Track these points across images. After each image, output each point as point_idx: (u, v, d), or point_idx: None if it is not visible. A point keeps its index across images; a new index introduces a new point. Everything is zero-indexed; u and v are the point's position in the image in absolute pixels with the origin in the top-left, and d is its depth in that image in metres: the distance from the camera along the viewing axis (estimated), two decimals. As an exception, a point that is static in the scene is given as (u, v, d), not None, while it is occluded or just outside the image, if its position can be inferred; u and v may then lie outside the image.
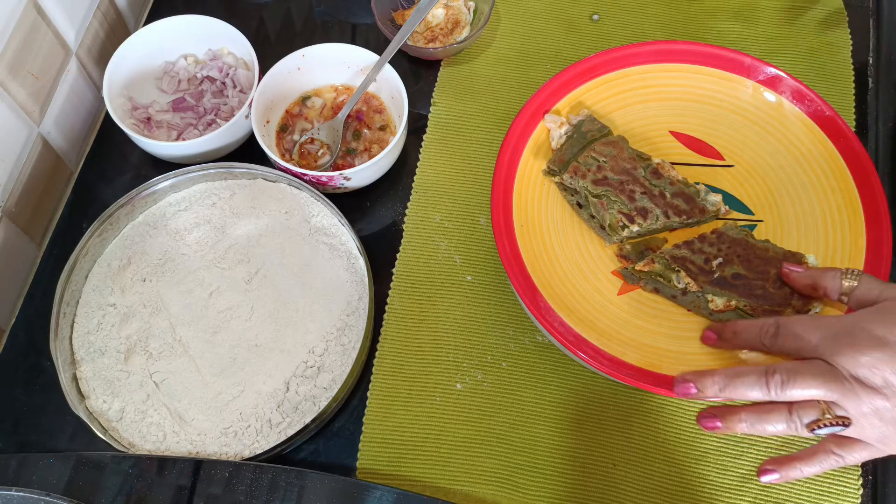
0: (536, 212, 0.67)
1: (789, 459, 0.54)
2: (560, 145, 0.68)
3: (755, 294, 0.61)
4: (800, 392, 0.50)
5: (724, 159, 0.70)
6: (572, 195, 0.67)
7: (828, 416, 0.49)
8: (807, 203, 0.67)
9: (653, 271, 0.63)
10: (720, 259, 0.63)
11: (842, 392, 0.49)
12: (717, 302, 0.62)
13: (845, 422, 0.49)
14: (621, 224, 0.64)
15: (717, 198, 0.65)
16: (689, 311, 0.63)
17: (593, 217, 0.66)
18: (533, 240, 0.65)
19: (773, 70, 0.70)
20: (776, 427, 0.52)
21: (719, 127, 0.71)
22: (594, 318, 0.63)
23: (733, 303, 0.61)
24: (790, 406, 0.51)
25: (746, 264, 0.62)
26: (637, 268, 0.63)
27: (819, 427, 0.50)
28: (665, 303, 0.64)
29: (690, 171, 0.69)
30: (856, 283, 0.54)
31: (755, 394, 0.52)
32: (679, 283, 0.62)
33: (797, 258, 0.63)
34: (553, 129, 0.69)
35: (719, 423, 0.54)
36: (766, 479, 0.55)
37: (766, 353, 0.57)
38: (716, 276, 0.62)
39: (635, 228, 0.64)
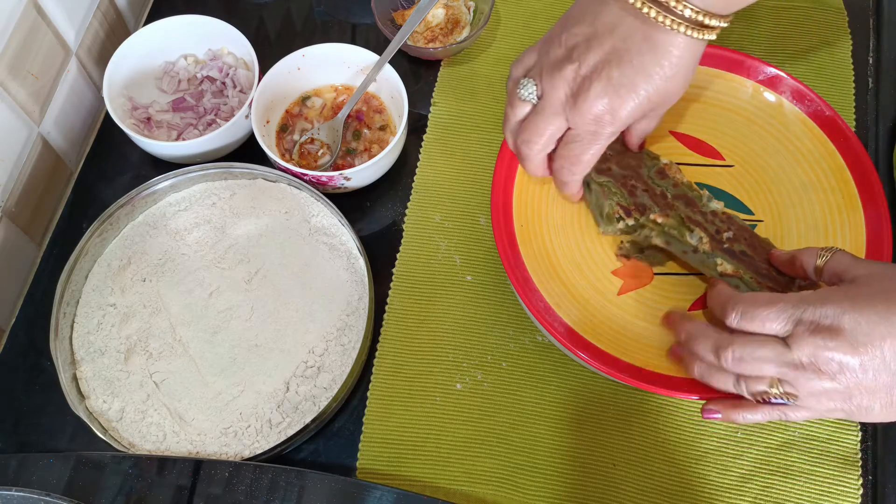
0: (536, 212, 0.67)
1: (734, 405, 0.55)
2: None
3: (761, 273, 0.61)
4: (751, 369, 0.51)
5: (724, 159, 0.70)
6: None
7: (775, 390, 0.51)
8: (807, 203, 0.67)
9: (667, 224, 0.62)
10: (730, 234, 0.62)
11: (795, 375, 0.50)
12: (727, 266, 0.61)
13: (793, 398, 0.51)
14: (618, 216, 0.63)
15: (719, 205, 0.64)
16: (697, 270, 0.63)
17: (594, 206, 0.65)
18: (533, 240, 0.65)
19: (773, 70, 0.70)
20: (723, 387, 0.54)
21: (719, 127, 0.71)
22: (594, 318, 0.63)
23: (741, 271, 0.61)
24: (738, 375, 0.53)
25: (752, 249, 0.62)
26: (652, 217, 0.62)
27: (766, 400, 0.51)
28: (665, 302, 0.64)
29: (690, 171, 0.69)
30: (828, 257, 0.55)
31: (708, 357, 0.53)
32: (692, 239, 0.62)
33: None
34: None
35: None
36: (708, 417, 0.56)
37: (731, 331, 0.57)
38: (725, 246, 0.62)
39: (631, 222, 0.63)
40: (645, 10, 0.52)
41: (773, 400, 0.51)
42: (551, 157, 0.62)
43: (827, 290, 0.51)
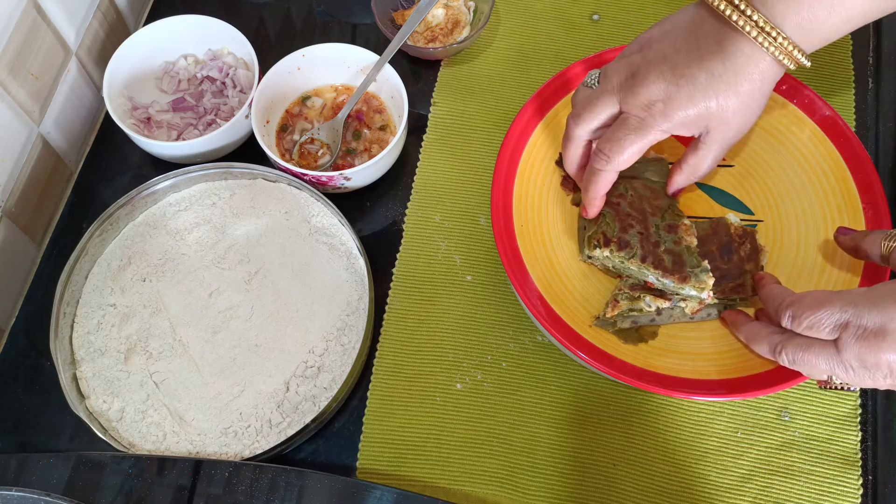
0: (536, 212, 0.67)
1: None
2: None
3: (714, 278, 0.61)
4: (806, 369, 0.53)
5: (724, 159, 0.70)
6: None
7: (835, 380, 0.53)
8: (807, 203, 0.67)
9: (623, 312, 0.62)
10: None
11: (847, 375, 0.51)
12: (692, 305, 0.62)
13: (848, 386, 0.53)
14: (596, 242, 0.62)
15: (708, 280, 0.61)
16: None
17: (585, 229, 0.65)
18: (533, 240, 0.65)
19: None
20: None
21: None
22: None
23: (704, 294, 0.61)
24: None
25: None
26: (608, 315, 0.62)
27: (827, 387, 0.54)
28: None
29: None
30: (893, 246, 0.55)
31: (769, 357, 0.56)
32: (650, 306, 0.61)
33: (721, 223, 0.64)
34: None
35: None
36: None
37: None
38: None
39: (605, 253, 0.62)
40: (728, 12, 0.51)
41: (835, 388, 0.53)
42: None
43: (878, 290, 0.51)
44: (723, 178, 0.69)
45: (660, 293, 0.62)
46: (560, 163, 0.67)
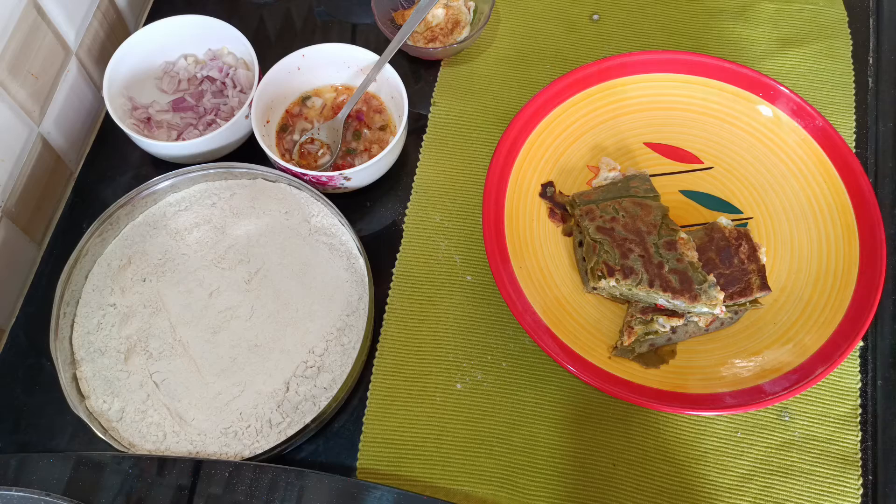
0: (531, 250, 0.67)
1: None
2: (598, 186, 0.68)
3: (724, 292, 0.62)
4: None
5: (702, 162, 0.70)
6: (579, 233, 0.67)
7: None
8: (790, 190, 0.68)
9: (639, 337, 0.63)
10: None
11: None
12: (704, 318, 0.62)
13: None
14: (600, 273, 0.62)
15: (719, 295, 0.61)
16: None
17: (584, 260, 0.65)
18: (534, 279, 0.66)
19: (746, 71, 0.70)
20: None
21: (692, 131, 0.71)
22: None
23: (717, 310, 0.61)
24: None
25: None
26: (625, 343, 0.63)
27: None
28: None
29: (670, 179, 0.69)
30: None
31: None
32: (664, 326, 0.62)
33: (715, 228, 0.64)
34: (603, 170, 0.69)
35: None
36: None
37: None
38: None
39: (612, 283, 0.62)
40: None
41: None
42: None
43: None
44: (705, 182, 0.69)
45: (671, 312, 0.62)
46: (544, 194, 0.68)
